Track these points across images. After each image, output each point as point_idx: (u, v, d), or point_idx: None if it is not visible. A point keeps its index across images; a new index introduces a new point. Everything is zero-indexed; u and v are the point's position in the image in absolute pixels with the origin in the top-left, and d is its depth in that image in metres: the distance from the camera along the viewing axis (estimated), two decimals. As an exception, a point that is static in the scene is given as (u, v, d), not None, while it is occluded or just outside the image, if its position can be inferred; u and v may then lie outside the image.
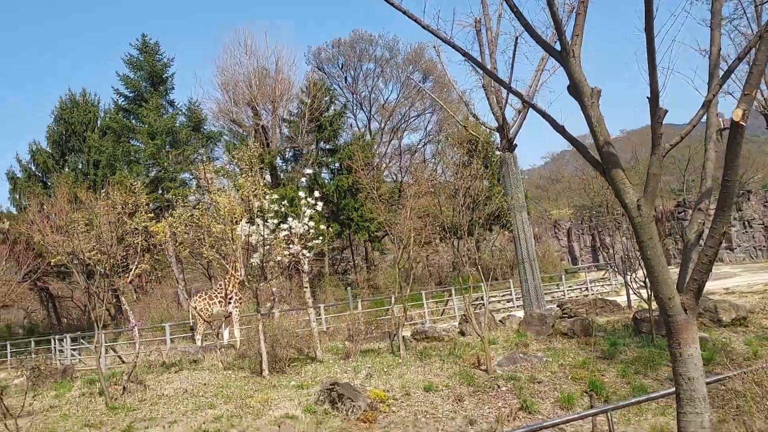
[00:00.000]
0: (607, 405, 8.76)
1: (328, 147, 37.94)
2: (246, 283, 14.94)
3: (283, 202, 14.96)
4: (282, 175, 35.97)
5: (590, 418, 9.75)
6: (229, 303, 20.77)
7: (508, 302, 35.71)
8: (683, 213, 55.66)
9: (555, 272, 43.98)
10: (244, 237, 14.83)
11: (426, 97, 42.57)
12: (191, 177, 39.01)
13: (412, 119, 46.04)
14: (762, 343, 16.14)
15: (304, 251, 15.60)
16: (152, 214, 25.91)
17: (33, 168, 38.07)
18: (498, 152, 21.85)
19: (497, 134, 20.10)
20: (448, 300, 33.39)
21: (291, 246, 16.04)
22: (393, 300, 28.64)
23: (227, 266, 16.34)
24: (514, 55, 18.42)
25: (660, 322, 16.27)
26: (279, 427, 10.74)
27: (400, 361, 15.27)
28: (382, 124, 46.38)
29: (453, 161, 44.45)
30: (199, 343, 20.23)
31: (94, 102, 39.65)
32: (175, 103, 38.27)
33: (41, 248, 18.15)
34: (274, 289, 17.57)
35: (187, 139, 35.06)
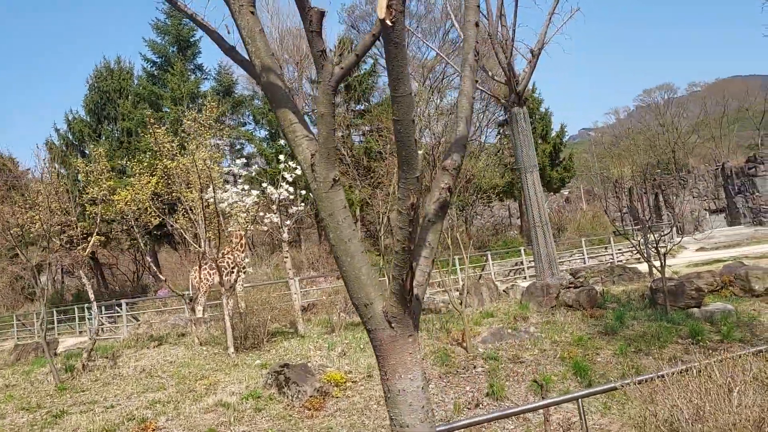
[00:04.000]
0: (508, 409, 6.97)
1: (358, 108, 36.61)
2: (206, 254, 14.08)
3: (250, 168, 13.88)
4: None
5: (542, 410, 8.36)
6: (232, 273, 20.17)
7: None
8: (754, 169, 51.49)
9: (605, 234, 41.46)
10: (211, 204, 13.97)
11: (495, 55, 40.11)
12: (224, 143, 38.75)
13: (452, 77, 43.84)
14: (797, 316, 14.10)
15: (274, 218, 14.59)
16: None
17: (70, 137, 38.54)
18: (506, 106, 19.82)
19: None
20: (484, 265, 31.97)
21: (268, 214, 15.12)
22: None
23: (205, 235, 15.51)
24: (517, -6, 16.40)
25: (677, 291, 14.45)
26: (209, 415, 9.89)
27: (383, 336, 14.17)
28: (422, 84, 44.41)
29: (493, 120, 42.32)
30: (199, 314, 19.78)
31: (128, 69, 39.61)
32: (204, 68, 37.85)
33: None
34: (247, 260, 16.73)
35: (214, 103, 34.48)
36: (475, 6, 3.73)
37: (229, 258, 19.60)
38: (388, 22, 2.61)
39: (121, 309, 29.40)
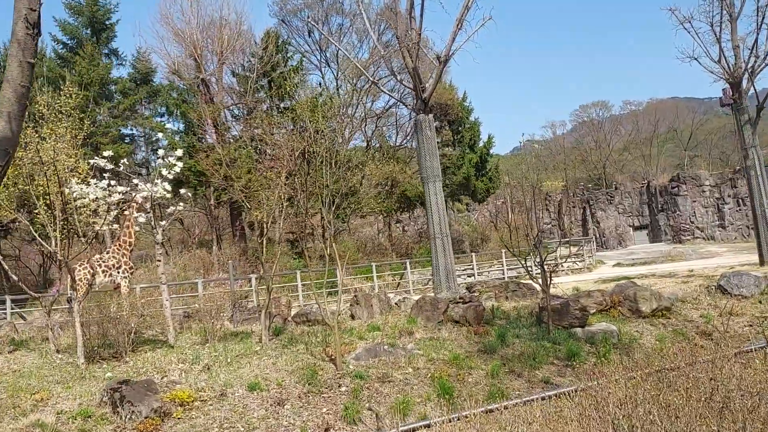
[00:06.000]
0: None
1: (283, 105, 35.44)
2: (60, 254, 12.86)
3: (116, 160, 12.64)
4: (228, 133, 33.67)
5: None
6: (118, 273, 18.83)
7: (469, 276, 33.76)
8: (677, 188, 53.00)
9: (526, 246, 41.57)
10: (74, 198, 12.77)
11: (397, 56, 39.59)
12: (139, 134, 37.03)
13: (383, 79, 43.21)
14: (676, 338, 14.08)
15: (141, 218, 13.54)
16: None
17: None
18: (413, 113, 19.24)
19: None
20: (403, 273, 31.45)
21: (142, 214, 14.06)
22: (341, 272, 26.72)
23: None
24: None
25: (562, 311, 14.18)
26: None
27: (258, 349, 13.28)
28: (354, 84, 43.57)
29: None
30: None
31: (40, 49, 37.29)
32: (120, 53, 35.92)
33: None
34: (120, 262, 15.67)
35: (127, 90, 32.80)
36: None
37: (114, 257, 18.30)
38: None
39: (14, 305, 27.42)
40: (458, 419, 4.82)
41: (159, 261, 14.42)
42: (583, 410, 5.33)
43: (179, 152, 14.47)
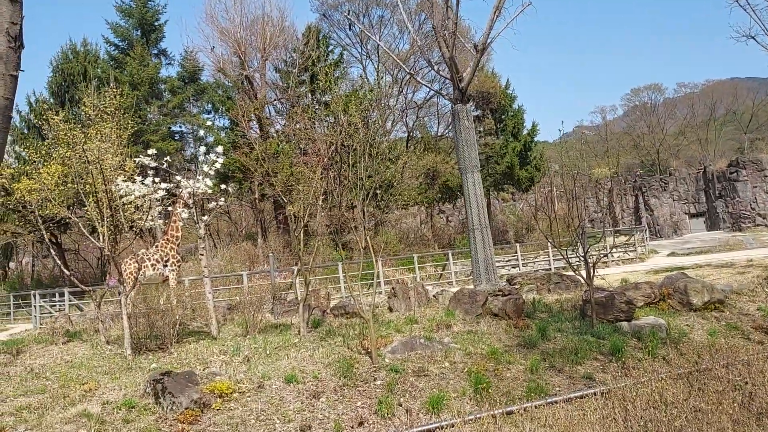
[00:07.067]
0: None
1: (324, 99, 35.70)
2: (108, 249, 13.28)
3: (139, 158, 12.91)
4: (272, 129, 34.14)
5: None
6: (165, 266, 19.40)
7: (513, 268, 33.28)
8: (736, 173, 50.80)
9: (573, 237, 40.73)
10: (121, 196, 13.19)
11: (436, 47, 39.19)
12: (188, 131, 37.90)
13: (424, 69, 42.93)
14: (729, 333, 13.51)
15: (185, 213, 13.86)
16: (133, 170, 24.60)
17: (32, 119, 37.54)
18: (450, 103, 19.00)
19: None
20: (445, 264, 31.30)
21: (185, 209, 14.42)
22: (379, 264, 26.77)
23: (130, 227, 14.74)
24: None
25: (607, 304, 13.83)
26: (69, 426, 9.17)
27: (296, 341, 13.46)
28: (394, 76, 43.47)
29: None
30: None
31: (95, 52, 38.62)
32: (168, 53, 36.91)
33: None
34: (168, 255, 16.14)
35: (176, 89, 33.64)
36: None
37: (162, 251, 18.85)
38: None
39: (73, 297, 28.53)
40: (474, 421, 4.75)
41: (202, 255, 14.77)
42: (608, 413, 5.15)
43: (220, 149, 14.75)
